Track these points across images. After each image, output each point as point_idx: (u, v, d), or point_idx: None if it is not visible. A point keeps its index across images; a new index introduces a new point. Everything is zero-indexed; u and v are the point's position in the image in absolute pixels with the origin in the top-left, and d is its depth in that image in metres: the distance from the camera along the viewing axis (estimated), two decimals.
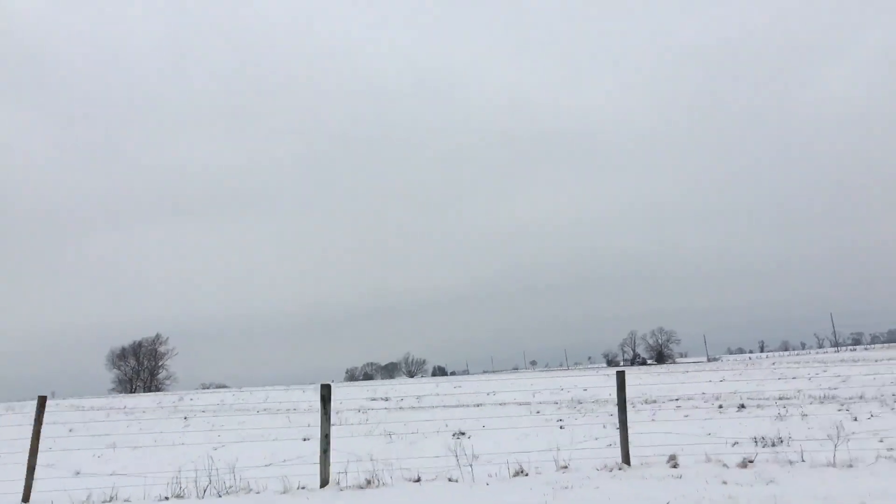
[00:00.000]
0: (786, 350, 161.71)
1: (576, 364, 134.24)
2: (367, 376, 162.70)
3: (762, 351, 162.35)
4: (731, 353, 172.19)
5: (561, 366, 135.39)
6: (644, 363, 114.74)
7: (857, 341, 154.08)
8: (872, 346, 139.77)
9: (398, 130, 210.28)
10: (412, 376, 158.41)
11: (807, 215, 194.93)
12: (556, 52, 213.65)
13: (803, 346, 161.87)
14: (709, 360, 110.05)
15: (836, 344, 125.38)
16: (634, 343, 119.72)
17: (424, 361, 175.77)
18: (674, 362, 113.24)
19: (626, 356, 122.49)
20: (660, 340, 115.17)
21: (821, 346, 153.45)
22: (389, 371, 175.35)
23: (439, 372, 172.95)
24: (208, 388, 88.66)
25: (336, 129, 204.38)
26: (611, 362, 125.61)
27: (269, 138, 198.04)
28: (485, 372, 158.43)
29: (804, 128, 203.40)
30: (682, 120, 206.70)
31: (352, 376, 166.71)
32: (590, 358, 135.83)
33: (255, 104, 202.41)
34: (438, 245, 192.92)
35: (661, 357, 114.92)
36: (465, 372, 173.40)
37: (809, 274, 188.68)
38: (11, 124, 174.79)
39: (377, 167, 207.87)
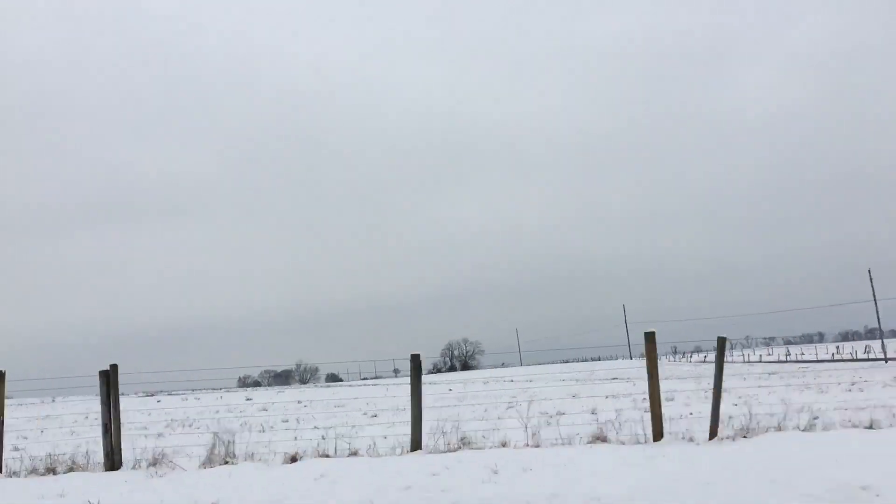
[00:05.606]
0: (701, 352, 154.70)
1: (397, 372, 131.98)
2: (257, 384, 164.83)
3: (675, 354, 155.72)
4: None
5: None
6: (451, 370, 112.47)
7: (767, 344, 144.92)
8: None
9: (320, 138, 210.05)
10: (304, 383, 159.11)
11: (734, 221, 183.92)
12: (479, 57, 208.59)
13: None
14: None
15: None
16: (452, 353, 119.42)
17: (317, 369, 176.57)
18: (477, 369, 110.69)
19: (445, 365, 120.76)
20: (465, 351, 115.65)
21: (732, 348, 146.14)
22: (284, 378, 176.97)
23: (333, 379, 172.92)
24: None
25: (255, 137, 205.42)
26: (440, 370, 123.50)
27: (186, 144, 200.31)
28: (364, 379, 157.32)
29: (726, 131, 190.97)
30: (610, 125, 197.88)
31: (244, 384, 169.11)
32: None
33: (170, 111, 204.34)
34: (358, 254, 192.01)
35: (465, 366, 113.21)
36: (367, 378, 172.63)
37: (741, 276, 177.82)
38: None
39: (299, 177, 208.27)
